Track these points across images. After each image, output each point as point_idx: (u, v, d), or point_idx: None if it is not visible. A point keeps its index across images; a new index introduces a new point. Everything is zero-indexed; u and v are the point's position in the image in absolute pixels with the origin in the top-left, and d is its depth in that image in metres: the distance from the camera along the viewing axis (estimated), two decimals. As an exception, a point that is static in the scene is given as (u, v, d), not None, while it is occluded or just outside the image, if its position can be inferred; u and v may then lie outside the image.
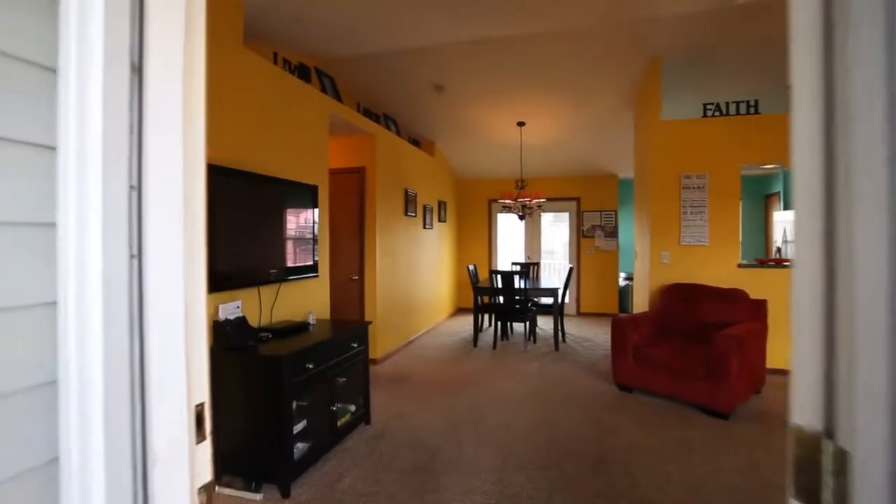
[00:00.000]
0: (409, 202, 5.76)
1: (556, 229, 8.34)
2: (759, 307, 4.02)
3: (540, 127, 6.20)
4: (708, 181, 4.59)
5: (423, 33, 4.03)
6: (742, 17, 3.99)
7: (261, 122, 3.08)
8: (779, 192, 7.86)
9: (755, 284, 4.50)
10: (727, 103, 4.60)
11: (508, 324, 6.16)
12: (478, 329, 5.78)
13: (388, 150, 5.18)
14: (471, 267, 6.39)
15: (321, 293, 3.74)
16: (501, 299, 5.54)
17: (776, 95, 4.68)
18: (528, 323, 5.50)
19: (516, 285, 5.35)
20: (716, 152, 4.58)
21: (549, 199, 6.93)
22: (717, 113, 4.62)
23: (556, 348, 5.50)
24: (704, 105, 4.65)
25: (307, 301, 3.53)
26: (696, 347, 3.79)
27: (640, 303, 5.16)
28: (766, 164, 4.62)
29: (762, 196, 8.23)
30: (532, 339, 5.92)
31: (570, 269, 6.22)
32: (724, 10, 3.88)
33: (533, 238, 8.35)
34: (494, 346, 5.59)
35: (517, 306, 5.41)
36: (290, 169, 3.38)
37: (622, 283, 8.27)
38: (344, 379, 3.10)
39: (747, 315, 3.97)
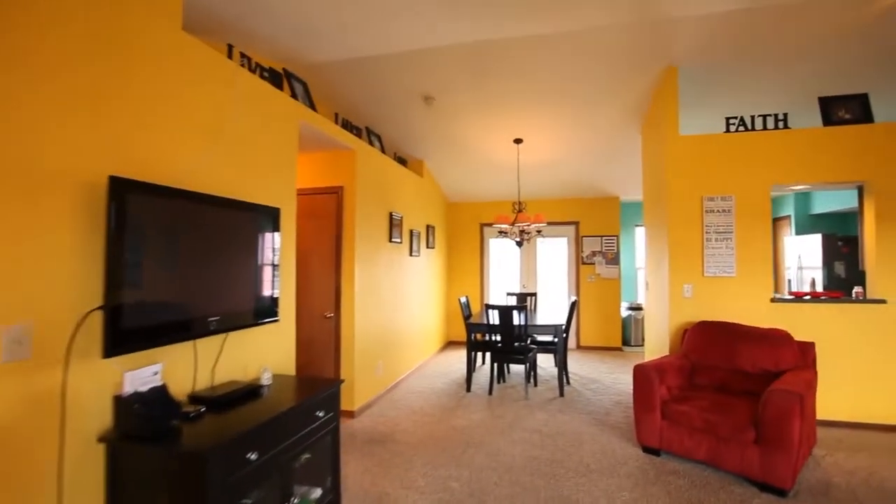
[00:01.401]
0: (395, 227, 5.12)
1: (553, 256, 7.74)
2: (807, 351, 3.41)
3: (538, 144, 5.65)
4: (735, 203, 4.04)
5: (410, 31, 3.45)
6: (770, 22, 3.51)
7: (208, 129, 2.42)
8: (789, 215, 7.41)
9: (792, 322, 3.91)
10: (752, 117, 4.09)
11: (505, 364, 5.48)
12: (471, 369, 5.08)
13: (370, 168, 4.56)
14: (462, 299, 5.72)
15: (283, 341, 3.03)
16: (498, 337, 4.87)
17: (807, 108, 4.19)
18: (528, 364, 4.82)
19: (515, 321, 4.70)
20: (742, 172, 4.04)
21: (548, 224, 6.35)
22: (741, 128, 4.11)
23: (561, 393, 4.81)
24: (727, 119, 4.13)
25: (263, 352, 2.82)
26: (739, 403, 3.15)
27: (658, 344, 4.53)
28: (800, 184, 4.08)
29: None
30: (533, 381, 5.23)
31: (574, 303, 5.59)
32: (750, 12, 3.38)
33: (529, 265, 7.73)
34: (490, 391, 4.88)
35: (516, 344, 4.75)
36: (247, 187, 2.71)
37: (625, 313, 7.68)
38: (308, 456, 2.39)
39: (794, 361, 3.36)
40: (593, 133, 5.37)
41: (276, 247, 2.75)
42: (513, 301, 6.59)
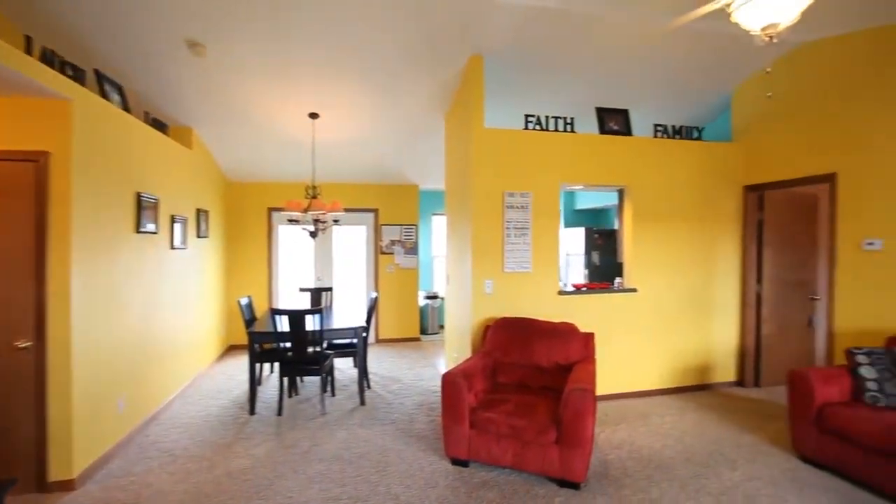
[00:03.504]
0: (146, 211, 3.83)
1: (351, 245, 7.21)
2: (588, 342, 3.68)
3: (337, 122, 5.00)
4: (532, 200, 4.16)
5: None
6: (571, 28, 3.62)
7: None
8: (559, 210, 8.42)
9: (574, 311, 4.25)
10: (547, 117, 4.25)
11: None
12: (255, 386, 4.20)
13: (101, 130, 3.22)
14: (243, 300, 4.74)
15: None
16: (289, 345, 4.12)
17: (589, 115, 4.57)
18: (324, 373, 4.22)
19: (309, 327, 4.03)
20: (538, 169, 4.18)
21: (346, 211, 5.77)
22: (537, 126, 4.24)
23: (362, 401, 4.37)
24: (526, 116, 4.20)
25: None
26: (540, 403, 3.18)
27: (460, 340, 4.46)
28: (582, 184, 4.43)
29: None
30: (330, 390, 4.66)
31: (375, 299, 5.19)
32: (555, 14, 3.42)
33: (324, 256, 7.04)
34: (280, 411, 4.12)
35: (311, 350, 4.09)
36: None
37: (422, 302, 7.69)
38: None
39: (581, 353, 3.59)
40: (397, 116, 4.99)
41: None
42: (307, 297, 5.85)
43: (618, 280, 4.67)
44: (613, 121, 4.47)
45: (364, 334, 4.45)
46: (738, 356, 4.81)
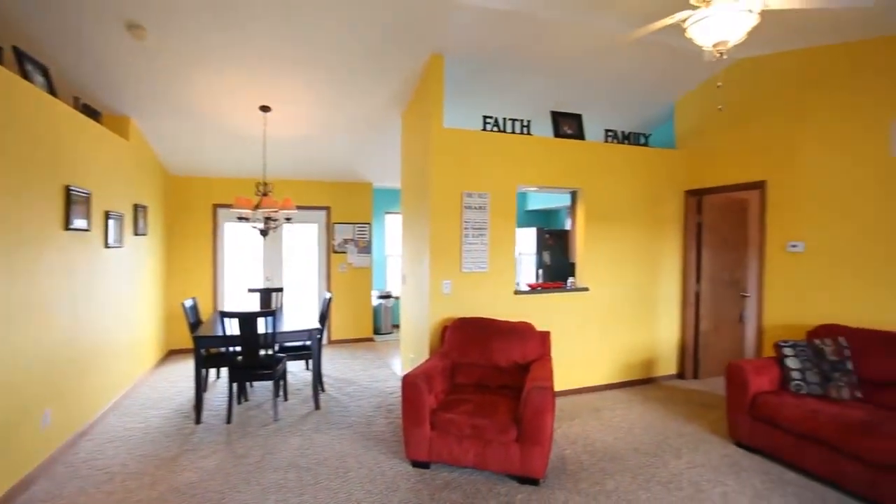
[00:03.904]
0: (76, 206, 3.50)
1: (302, 244, 6.99)
2: (545, 341, 3.78)
3: (290, 117, 4.82)
4: (489, 201, 4.20)
5: None
6: (531, 32, 3.69)
7: None
8: (510, 210, 8.58)
9: (530, 310, 4.35)
10: (504, 119, 4.31)
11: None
12: (201, 393, 3.97)
13: (20, 115, 2.91)
14: (187, 302, 4.47)
15: None
16: (239, 349, 3.93)
17: (545, 118, 4.67)
18: (277, 378, 4.06)
19: (261, 330, 3.86)
20: (496, 170, 4.23)
21: (297, 208, 5.57)
22: (495, 128, 4.28)
23: (317, 406, 4.25)
24: (484, 118, 4.24)
25: None
26: (501, 402, 3.22)
27: (417, 341, 4.43)
28: (537, 186, 4.52)
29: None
30: (283, 395, 4.48)
31: (329, 300, 5.05)
32: (516, 17, 3.47)
33: (274, 256, 6.77)
34: (229, 418, 3.91)
35: (262, 353, 3.91)
36: None
37: (375, 302, 7.58)
38: None
39: (538, 352, 3.67)
40: (353, 113, 4.87)
41: None
42: (256, 298, 5.60)
43: (571, 280, 4.82)
44: (567, 125, 4.61)
45: (319, 336, 4.32)
46: (679, 350, 5.12)
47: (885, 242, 3.49)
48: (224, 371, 5.14)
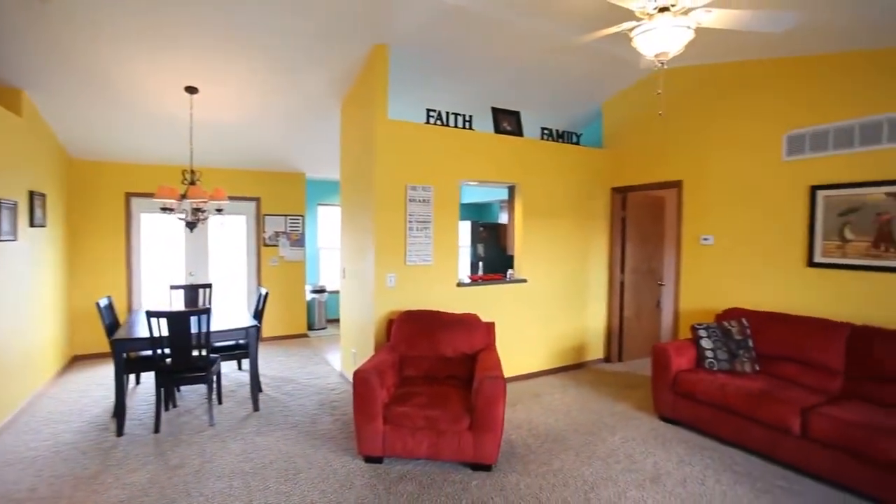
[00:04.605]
0: (-39, 195, 3.03)
1: (229, 237, 6.57)
2: (490, 331, 3.90)
3: (218, 100, 4.50)
4: (433, 194, 4.23)
5: None
6: (479, 27, 3.73)
7: None
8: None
9: (471, 302, 4.46)
10: (447, 113, 4.34)
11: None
12: (122, 401, 3.62)
13: None
14: (102, 301, 4.04)
15: None
16: (168, 351, 3.63)
17: (486, 114, 4.77)
18: (211, 380, 3.81)
19: (194, 329, 3.59)
20: (440, 164, 4.26)
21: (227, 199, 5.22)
22: (438, 122, 4.30)
23: (256, 407, 4.06)
24: (428, 111, 4.24)
25: None
26: (452, 392, 3.29)
27: (361, 336, 4.37)
28: (478, 181, 4.62)
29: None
30: (218, 398, 4.22)
31: (265, 295, 4.81)
32: (471, 14, 3.50)
33: (198, 249, 6.30)
34: (157, 428, 3.61)
35: (195, 354, 3.64)
36: None
37: (309, 297, 7.34)
38: None
39: (484, 342, 3.78)
40: (288, 99, 4.65)
41: None
42: (180, 296, 5.19)
43: (510, 272, 5.00)
44: (507, 121, 4.75)
45: (256, 334, 4.11)
46: (605, 336, 5.51)
47: (776, 234, 3.99)
48: (145, 376, 4.72)
